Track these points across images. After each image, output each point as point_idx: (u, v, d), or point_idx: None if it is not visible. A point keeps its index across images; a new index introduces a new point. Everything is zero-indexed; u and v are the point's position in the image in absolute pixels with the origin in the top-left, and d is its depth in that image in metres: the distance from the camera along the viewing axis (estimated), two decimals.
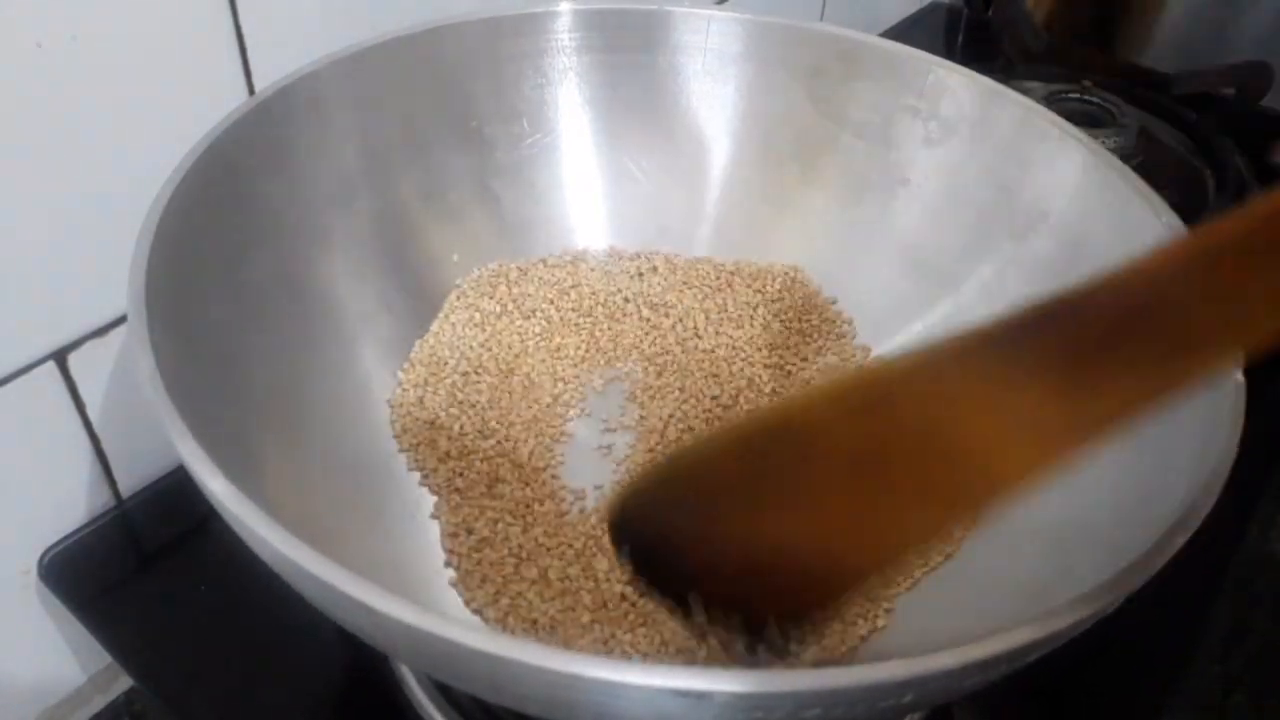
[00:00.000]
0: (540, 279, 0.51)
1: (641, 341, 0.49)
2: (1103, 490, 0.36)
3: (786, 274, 0.52)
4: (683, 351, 0.49)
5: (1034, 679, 0.29)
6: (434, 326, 0.48)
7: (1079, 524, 0.36)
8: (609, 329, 0.50)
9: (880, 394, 0.22)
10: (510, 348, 0.48)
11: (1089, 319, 0.20)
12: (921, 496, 0.22)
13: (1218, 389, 0.33)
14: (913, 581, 0.40)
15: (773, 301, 0.51)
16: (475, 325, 0.48)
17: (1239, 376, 0.33)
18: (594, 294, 0.51)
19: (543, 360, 0.48)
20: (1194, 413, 0.34)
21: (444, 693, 0.39)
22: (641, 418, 0.46)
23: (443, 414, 0.45)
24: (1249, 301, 0.19)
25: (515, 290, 0.50)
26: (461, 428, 0.44)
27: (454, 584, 0.39)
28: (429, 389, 0.45)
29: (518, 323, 0.49)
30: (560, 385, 0.47)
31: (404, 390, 0.45)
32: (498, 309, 0.49)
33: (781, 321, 0.51)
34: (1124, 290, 0.20)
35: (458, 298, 0.49)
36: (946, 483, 0.22)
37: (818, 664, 0.35)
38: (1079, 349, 0.20)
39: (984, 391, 0.21)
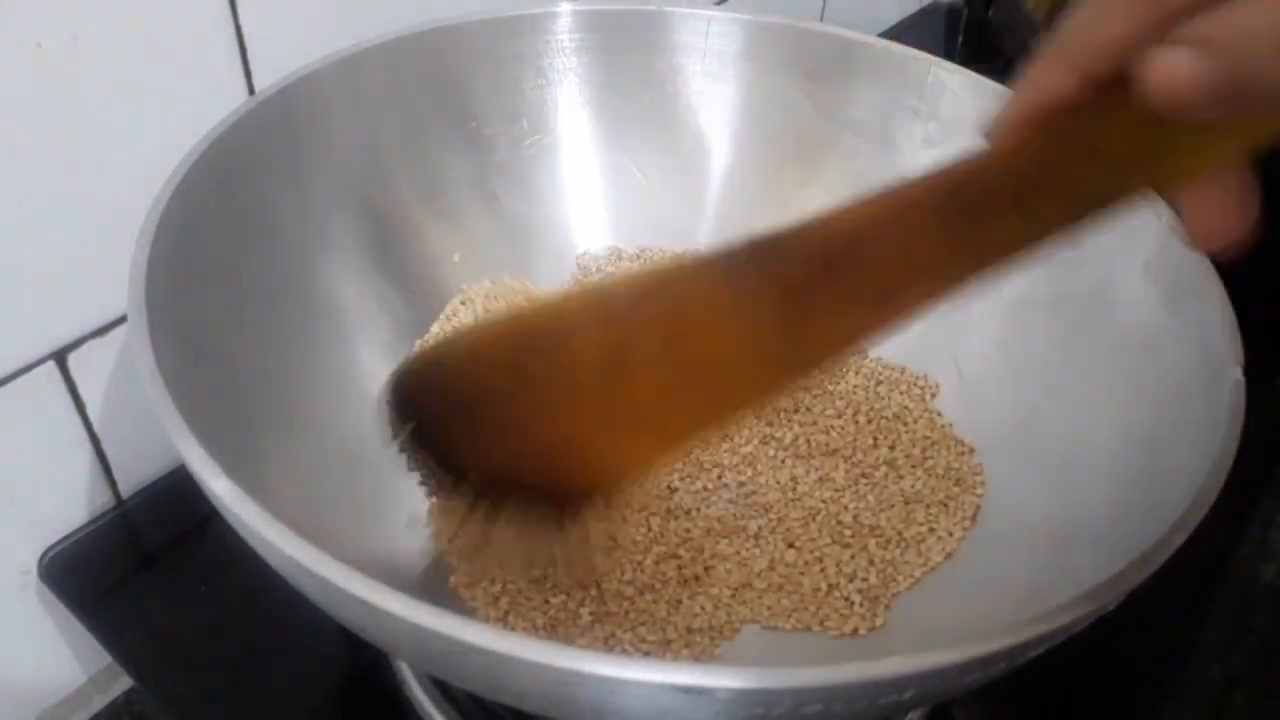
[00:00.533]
0: (542, 281, 0.51)
1: None
2: (1102, 489, 0.37)
3: None
4: None
5: (1034, 677, 0.29)
6: (434, 328, 0.48)
7: (1079, 523, 0.36)
8: None
9: (623, 303, 0.24)
10: None
11: (800, 257, 0.22)
12: (660, 404, 0.23)
13: (1218, 388, 0.33)
14: (913, 581, 0.40)
15: None
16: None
17: (1239, 375, 0.33)
18: None
19: None
20: (1194, 411, 0.34)
21: (443, 692, 0.39)
22: None
23: None
24: (934, 255, 0.22)
25: (518, 292, 0.50)
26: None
27: (454, 583, 0.39)
28: None
29: None
30: None
31: None
32: (499, 310, 0.49)
33: None
34: (829, 234, 0.22)
35: (461, 301, 0.49)
36: (683, 393, 0.23)
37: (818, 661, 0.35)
38: (802, 274, 0.22)
39: (723, 309, 0.23)
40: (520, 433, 0.24)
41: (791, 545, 0.41)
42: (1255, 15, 0.17)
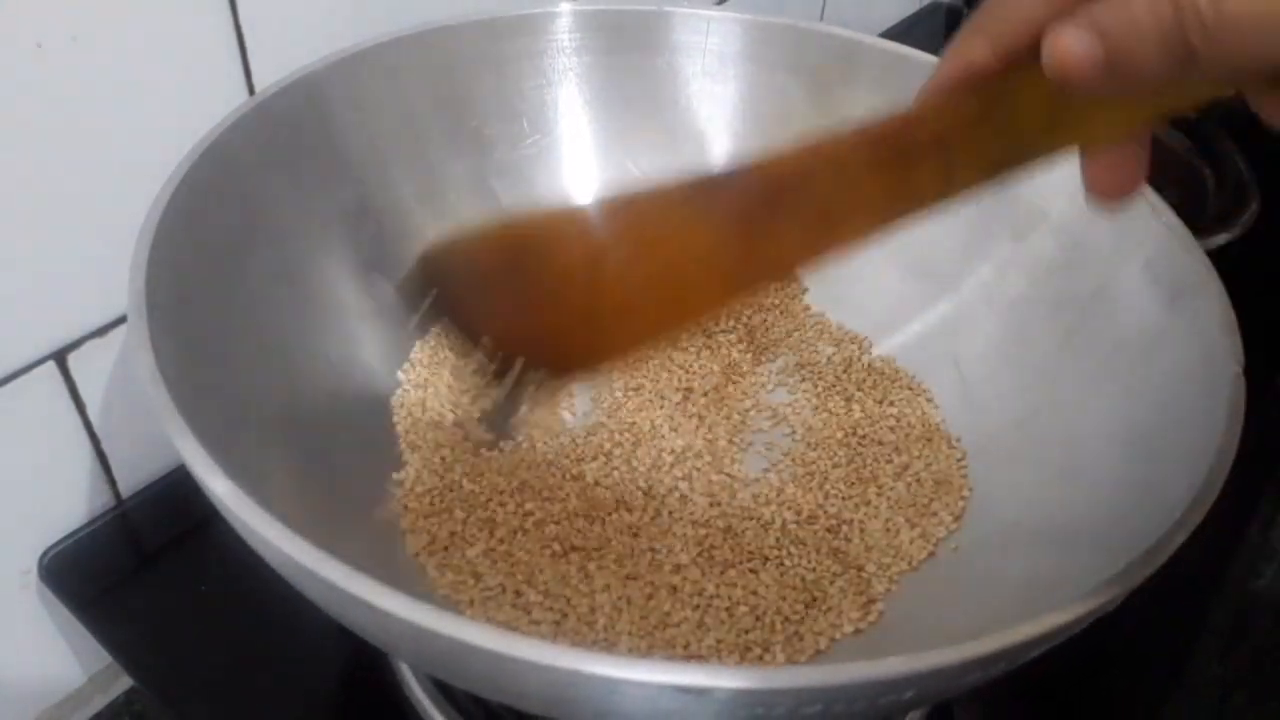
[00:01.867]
0: None
1: None
2: (1102, 489, 0.36)
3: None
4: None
5: (1035, 677, 0.29)
6: (435, 328, 0.48)
7: (1079, 523, 0.36)
8: None
9: (603, 216, 0.28)
10: None
11: (754, 187, 0.26)
12: (633, 303, 0.27)
13: (1218, 389, 0.33)
14: (907, 580, 0.40)
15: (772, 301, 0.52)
16: None
17: (1239, 375, 0.33)
18: None
19: None
20: (1194, 412, 0.34)
21: (443, 692, 0.39)
22: (643, 420, 0.46)
23: (445, 415, 0.45)
24: (868, 192, 0.25)
25: None
26: (464, 431, 0.44)
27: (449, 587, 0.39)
28: (430, 390, 0.45)
29: None
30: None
31: (405, 391, 0.45)
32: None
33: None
34: (781, 168, 0.26)
35: None
36: (652, 295, 0.27)
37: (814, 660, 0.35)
38: (755, 202, 0.26)
39: (688, 227, 0.26)
40: (521, 313, 0.28)
41: (787, 546, 0.41)
42: (1139, 7, 0.20)
